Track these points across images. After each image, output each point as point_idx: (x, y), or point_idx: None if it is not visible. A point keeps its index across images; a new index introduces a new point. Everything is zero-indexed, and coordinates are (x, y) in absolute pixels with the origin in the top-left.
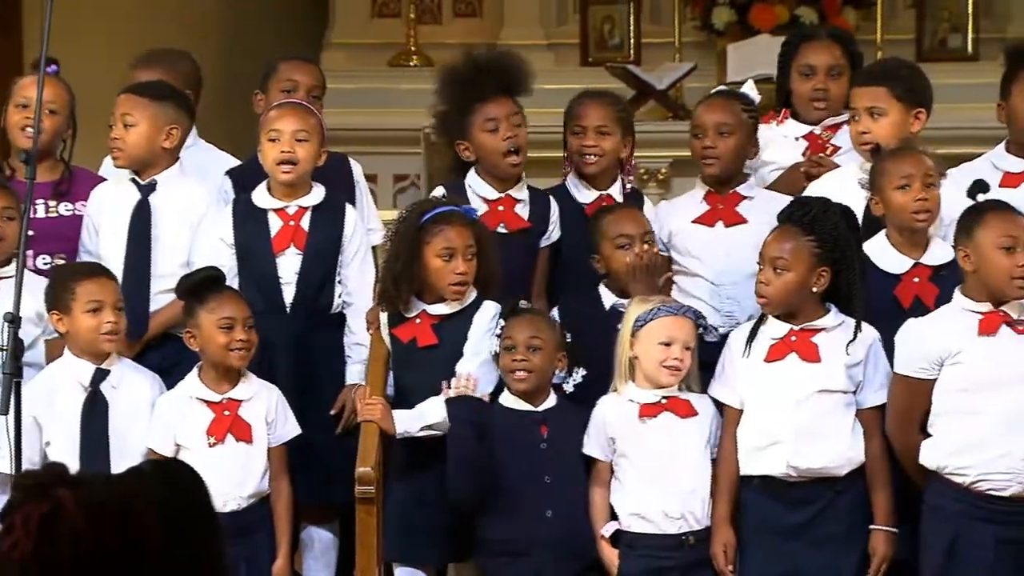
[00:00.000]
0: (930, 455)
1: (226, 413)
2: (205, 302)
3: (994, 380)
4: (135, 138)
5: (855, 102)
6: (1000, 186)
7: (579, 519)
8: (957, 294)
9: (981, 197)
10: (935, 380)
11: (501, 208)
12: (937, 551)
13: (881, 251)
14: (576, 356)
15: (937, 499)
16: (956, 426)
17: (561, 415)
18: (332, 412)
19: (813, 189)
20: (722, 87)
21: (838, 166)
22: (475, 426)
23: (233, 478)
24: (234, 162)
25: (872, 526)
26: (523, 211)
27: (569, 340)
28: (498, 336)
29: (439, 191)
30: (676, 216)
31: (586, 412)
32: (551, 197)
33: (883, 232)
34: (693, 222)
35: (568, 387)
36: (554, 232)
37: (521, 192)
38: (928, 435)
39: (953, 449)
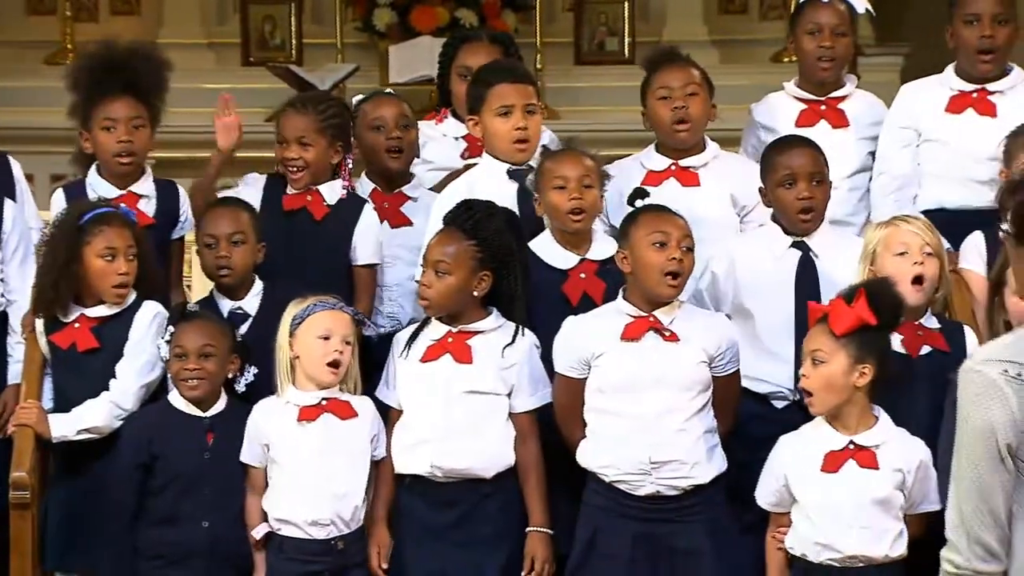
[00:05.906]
0: (582, 454)
1: None
2: None
3: (631, 384)
4: None
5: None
6: (643, 183)
7: (238, 527)
8: (620, 296)
9: (640, 203)
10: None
11: (123, 205)
12: (581, 543)
13: (547, 247)
14: (247, 354)
15: (589, 495)
16: (600, 426)
17: (229, 420)
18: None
19: (461, 190)
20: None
21: None
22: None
23: None
24: None
25: (528, 528)
26: (148, 206)
27: (240, 339)
28: (167, 342)
29: (58, 194)
30: None
31: None
32: (179, 187)
33: (548, 229)
34: None
35: (240, 387)
36: (186, 224)
37: (144, 187)
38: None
39: (598, 449)
